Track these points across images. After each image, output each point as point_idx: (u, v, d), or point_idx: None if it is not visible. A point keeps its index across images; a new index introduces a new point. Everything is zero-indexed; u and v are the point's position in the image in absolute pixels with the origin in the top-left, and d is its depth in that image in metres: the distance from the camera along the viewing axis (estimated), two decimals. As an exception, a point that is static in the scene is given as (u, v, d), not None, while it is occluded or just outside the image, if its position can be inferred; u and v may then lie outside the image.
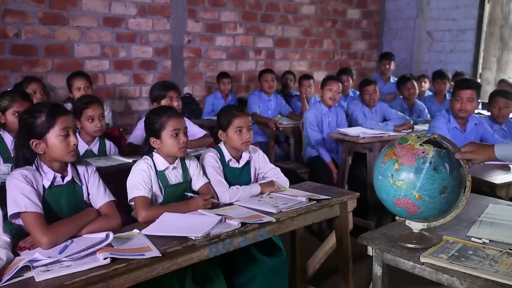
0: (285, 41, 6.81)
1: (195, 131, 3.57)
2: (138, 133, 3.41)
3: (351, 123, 4.61)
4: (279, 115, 5.41)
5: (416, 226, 1.86)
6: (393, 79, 6.09)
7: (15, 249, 1.81)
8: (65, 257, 1.68)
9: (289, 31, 6.83)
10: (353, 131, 4.19)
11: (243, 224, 2.06)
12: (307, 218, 2.40)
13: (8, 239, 1.79)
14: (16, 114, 2.96)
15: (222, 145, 2.64)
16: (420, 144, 1.74)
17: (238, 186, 2.48)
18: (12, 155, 2.89)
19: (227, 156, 2.61)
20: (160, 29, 5.63)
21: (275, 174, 2.72)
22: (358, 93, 5.77)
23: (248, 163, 2.68)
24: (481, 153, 1.82)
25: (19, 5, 4.67)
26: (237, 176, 2.61)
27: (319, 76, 6.58)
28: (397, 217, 1.89)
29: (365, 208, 3.95)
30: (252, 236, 2.12)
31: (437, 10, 7.14)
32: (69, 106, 3.56)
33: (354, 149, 4.15)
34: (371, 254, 1.91)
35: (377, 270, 1.87)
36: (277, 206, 2.30)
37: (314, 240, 3.85)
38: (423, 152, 1.72)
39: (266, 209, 2.27)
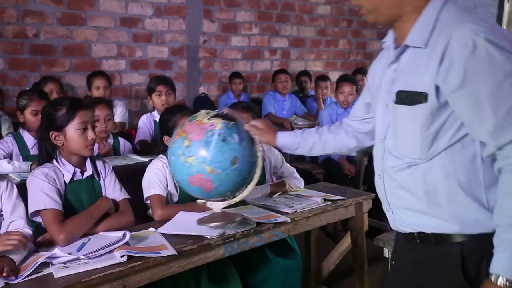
0: (301, 41, 6.80)
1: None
2: (143, 129, 3.48)
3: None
4: (294, 115, 5.40)
5: (218, 206, 1.87)
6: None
7: (35, 244, 1.84)
8: (83, 255, 1.70)
9: (304, 31, 6.81)
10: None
11: (258, 223, 2.07)
12: (322, 218, 2.39)
13: (30, 232, 1.84)
14: (34, 113, 3.00)
15: None
16: (209, 119, 1.74)
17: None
18: (31, 154, 2.94)
19: None
20: (176, 29, 5.66)
21: (291, 173, 2.72)
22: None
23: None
24: (264, 134, 1.79)
25: (39, 6, 4.73)
26: None
27: (334, 76, 6.54)
28: (198, 201, 1.87)
29: (380, 209, 3.92)
30: (267, 236, 2.12)
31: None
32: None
33: (370, 150, 4.11)
34: (387, 256, 1.90)
35: (393, 271, 1.85)
36: (292, 206, 2.30)
37: (328, 241, 3.84)
38: (211, 125, 1.71)
39: (281, 209, 2.27)
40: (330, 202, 2.42)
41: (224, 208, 1.87)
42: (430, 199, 1.31)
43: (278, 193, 2.53)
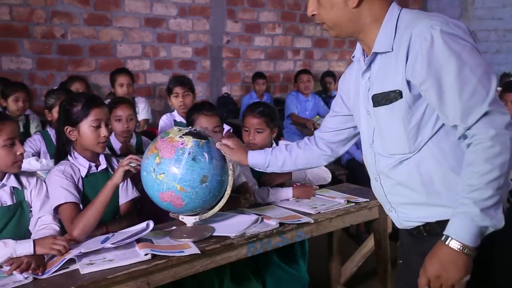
0: (324, 41, 6.77)
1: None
2: (164, 129, 3.49)
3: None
4: (317, 116, 5.37)
5: (189, 220, 1.89)
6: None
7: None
8: (111, 243, 1.74)
9: (328, 31, 6.77)
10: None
11: (281, 224, 2.06)
12: (346, 219, 2.37)
13: (57, 227, 1.88)
14: None
15: None
16: (180, 136, 1.76)
17: (269, 187, 2.47)
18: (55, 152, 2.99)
19: None
20: (200, 30, 5.70)
21: (316, 172, 2.66)
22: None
23: None
24: (235, 153, 1.84)
25: (66, 7, 4.83)
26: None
27: (358, 76, 6.51)
28: (170, 213, 1.91)
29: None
30: (290, 237, 2.12)
31: (482, 9, 6.94)
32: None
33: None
34: (411, 259, 1.88)
35: (417, 275, 1.83)
36: (316, 207, 2.29)
37: (351, 243, 3.81)
38: (182, 144, 1.74)
39: (304, 210, 2.26)
40: (354, 204, 2.40)
41: (195, 222, 1.91)
42: (428, 189, 1.36)
43: (298, 198, 2.46)
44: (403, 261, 1.57)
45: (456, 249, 1.21)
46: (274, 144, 2.58)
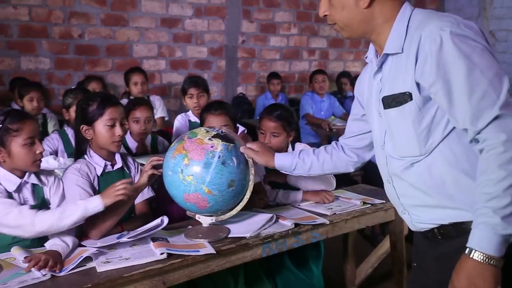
0: (340, 41, 6.74)
1: None
2: (179, 129, 3.51)
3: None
4: (333, 116, 5.35)
5: (205, 221, 1.89)
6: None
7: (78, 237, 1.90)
8: (127, 238, 1.76)
9: (343, 31, 6.74)
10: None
11: (296, 225, 2.06)
12: (361, 221, 2.36)
13: (76, 227, 1.88)
14: None
15: None
16: (209, 139, 1.76)
17: (282, 190, 2.45)
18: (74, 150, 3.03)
19: None
20: (215, 30, 5.72)
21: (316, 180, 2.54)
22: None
23: None
24: (261, 156, 1.85)
25: (84, 7, 4.88)
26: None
27: (374, 77, 6.47)
28: (187, 212, 1.91)
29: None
30: (305, 238, 2.11)
31: (501, 8, 6.83)
32: (124, 102, 3.68)
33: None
34: (428, 261, 1.86)
35: (434, 277, 1.81)
36: (331, 208, 2.28)
37: (366, 244, 3.78)
38: (212, 147, 1.74)
39: (320, 211, 2.25)
40: (370, 205, 2.38)
41: (211, 223, 1.91)
42: (441, 192, 1.34)
43: (310, 202, 2.42)
44: (417, 264, 1.55)
45: (481, 261, 1.17)
46: (290, 147, 2.57)
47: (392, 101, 1.36)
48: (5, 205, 1.74)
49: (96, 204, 1.78)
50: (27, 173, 1.87)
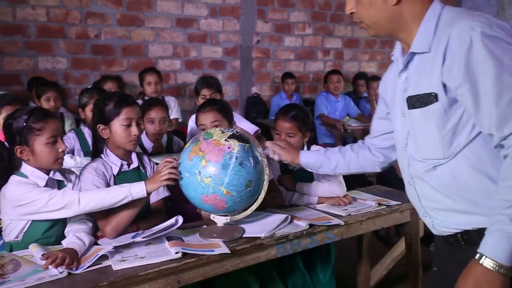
0: (355, 41, 6.71)
1: (247, 127, 3.57)
2: (193, 128, 3.52)
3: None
4: (347, 117, 5.33)
5: (220, 220, 1.89)
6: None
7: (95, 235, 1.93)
8: (142, 237, 1.77)
9: (358, 31, 6.71)
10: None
11: (311, 225, 2.05)
12: (376, 222, 2.34)
13: (91, 224, 1.92)
14: None
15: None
16: (226, 139, 1.75)
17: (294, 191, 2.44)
18: (91, 149, 3.06)
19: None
20: (230, 30, 5.73)
21: (328, 176, 2.44)
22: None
23: None
24: (287, 153, 1.87)
25: (100, 8, 4.92)
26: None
27: (389, 77, 6.42)
28: (202, 212, 1.92)
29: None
30: (320, 238, 2.11)
31: (519, 8, 6.74)
32: (139, 102, 3.69)
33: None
34: (445, 263, 1.84)
35: (451, 280, 1.79)
36: (346, 209, 2.27)
37: (380, 245, 3.76)
38: (229, 148, 1.73)
39: (335, 212, 2.25)
40: (385, 206, 2.37)
41: (225, 223, 1.92)
42: (465, 197, 1.30)
43: (325, 204, 2.39)
44: (438, 269, 1.51)
45: (491, 268, 1.14)
46: (305, 148, 2.56)
47: (416, 102, 1.32)
48: (46, 191, 1.80)
49: (139, 189, 1.81)
50: (52, 170, 1.91)
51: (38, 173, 1.86)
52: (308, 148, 2.57)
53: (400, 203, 2.42)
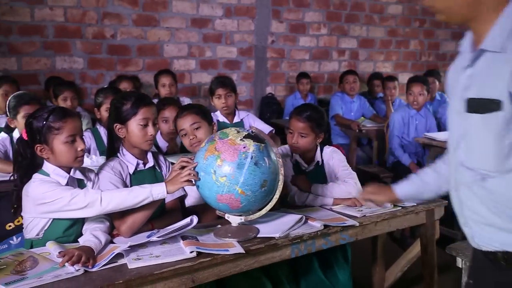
0: (370, 41, 6.67)
1: (261, 127, 3.57)
2: None
3: (440, 127, 4.41)
4: (362, 117, 5.30)
5: (234, 220, 1.88)
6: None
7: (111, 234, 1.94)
8: (157, 237, 1.78)
9: (374, 31, 6.67)
10: (441, 136, 4.00)
11: (325, 226, 2.04)
12: (392, 223, 2.33)
13: (108, 223, 1.94)
14: (108, 110, 3.13)
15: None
16: (241, 139, 1.75)
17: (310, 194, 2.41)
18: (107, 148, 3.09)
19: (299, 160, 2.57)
20: (245, 30, 5.73)
21: (343, 176, 2.47)
22: (445, 96, 5.51)
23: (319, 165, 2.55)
24: (381, 195, 1.79)
25: (116, 8, 4.97)
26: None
27: (404, 78, 6.36)
28: (217, 212, 1.90)
29: (452, 217, 3.76)
30: (334, 239, 2.10)
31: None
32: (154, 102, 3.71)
33: (441, 155, 3.96)
34: (460, 266, 1.83)
35: (467, 283, 1.77)
36: (361, 210, 2.26)
37: (394, 247, 3.73)
38: (244, 147, 1.73)
39: (350, 213, 2.23)
40: (400, 208, 2.35)
41: (240, 223, 1.91)
42: None
43: (340, 205, 2.37)
44: (474, 282, 1.42)
45: None
46: (318, 149, 2.55)
47: (477, 106, 1.19)
48: (69, 190, 1.82)
49: (160, 190, 1.83)
50: (72, 169, 1.93)
51: (59, 171, 1.89)
52: (321, 149, 2.56)
53: (415, 204, 2.40)
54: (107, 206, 1.80)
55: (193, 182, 1.83)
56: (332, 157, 2.55)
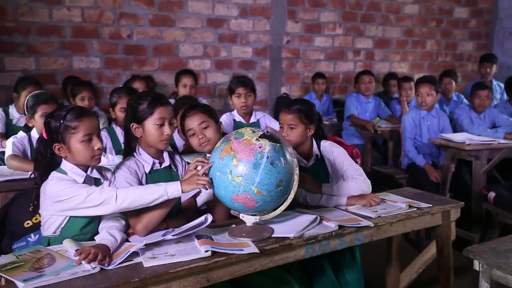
0: (386, 41, 6.62)
1: (276, 127, 3.57)
2: (224, 128, 3.53)
3: (456, 128, 4.37)
4: (378, 118, 5.27)
5: (249, 220, 1.87)
6: (495, 83, 5.70)
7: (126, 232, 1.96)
8: (172, 235, 1.80)
9: (390, 31, 6.62)
10: (458, 137, 3.97)
11: (340, 226, 2.04)
12: (407, 225, 2.31)
13: (124, 222, 1.96)
14: (123, 110, 3.15)
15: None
16: (257, 139, 1.74)
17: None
18: (123, 148, 3.11)
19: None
20: (260, 30, 5.74)
21: (352, 174, 2.42)
22: (462, 97, 5.46)
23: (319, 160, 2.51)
24: None
25: (133, 9, 5.01)
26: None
27: (421, 78, 6.32)
28: (232, 211, 1.90)
29: (468, 219, 3.72)
30: (349, 240, 2.09)
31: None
32: (172, 101, 3.73)
33: (458, 156, 3.93)
34: (478, 269, 1.80)
35: (484, 287, 1.75)
36: (376, 211, 2.25)
37: (410, 248, 3.70)
38: (260, 147, 1.73)
39: (364, 213, 2.22)
40: (416, 209, 2.33)
41: (254, 222, 1.91)
42: None
43: (357, 206, 2.34)
44: None
45: None
46: (315, 144, 2.52)
47: None
48: (85, 187, 1.84)
49: (175, 189, 1.84)
50: (89, 168, 1.96)
51: (76, 170, 1.91)
52: (318, 143, 2.52)
53: (431, 205, 2.38)
54: (122, 203, 1.81)
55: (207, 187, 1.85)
56: (332, 151, 2.50)
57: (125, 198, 1.81)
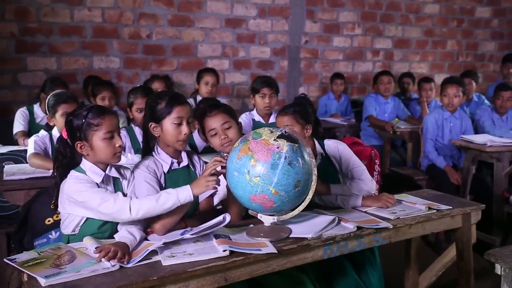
0: (405, 41, 6.55)
1: None
2: (243, 128, 3.53)
3: (477, 130, 4.30)
4: (397, 119, 5.21)
5: (267, 220, 1.87)
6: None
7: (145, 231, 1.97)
8: (190, 234, 1.81)
9: (409, 31, 6.56)
10: (479, 138, 3.91)
11: (358, 228, 2.02)
12: (426, 227, 2.28)
13: (143, 221, 1.96)
14: (139, 110, 3.18)
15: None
16: (274, 139, 1.74)
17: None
18: (141, 147, 3.14)
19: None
20: (279, 30, 5.73)
21: (358, 175, 2.41)
22: (483, 97, 5.37)
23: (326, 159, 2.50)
24: None
25: (152, 9, 5.05)
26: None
27: (440, 78, 6.21)
28: (250, 211, 1.90)
29: (489, 222, 3.66)
30: (368, 241, 2.08)
31: None
32: (191, 101, 3.76)
33: (479, 158, 3.87)
34: (499, 273, 1.77)
35: (506, 290, 1.72)
36: (395, 213, 2.23)
37: (429, 251, 3.66)
38: (278, 148, 1.72)
39: (383, 215, 2.20)
40: (435, 211, 2.30)
41: (272, 222, 1.91)
42: None
43: (372, 207, 2.31)
44: None
45: None
46: (317, 144, 2.51)
47: None
48: (100, 194, 1.87)
49: (186, 195, 1.87)
50: (108, 167, 1.98)
51: (95, 169, 1.93)
52: (322, 143, 2.51)
53: (451, 207, 2.35)
54: (136, 215, 1.83)
55: (216, 187, 1.89)
56: (338, 148, 2.49)
57: (139, 210, 1.83)
